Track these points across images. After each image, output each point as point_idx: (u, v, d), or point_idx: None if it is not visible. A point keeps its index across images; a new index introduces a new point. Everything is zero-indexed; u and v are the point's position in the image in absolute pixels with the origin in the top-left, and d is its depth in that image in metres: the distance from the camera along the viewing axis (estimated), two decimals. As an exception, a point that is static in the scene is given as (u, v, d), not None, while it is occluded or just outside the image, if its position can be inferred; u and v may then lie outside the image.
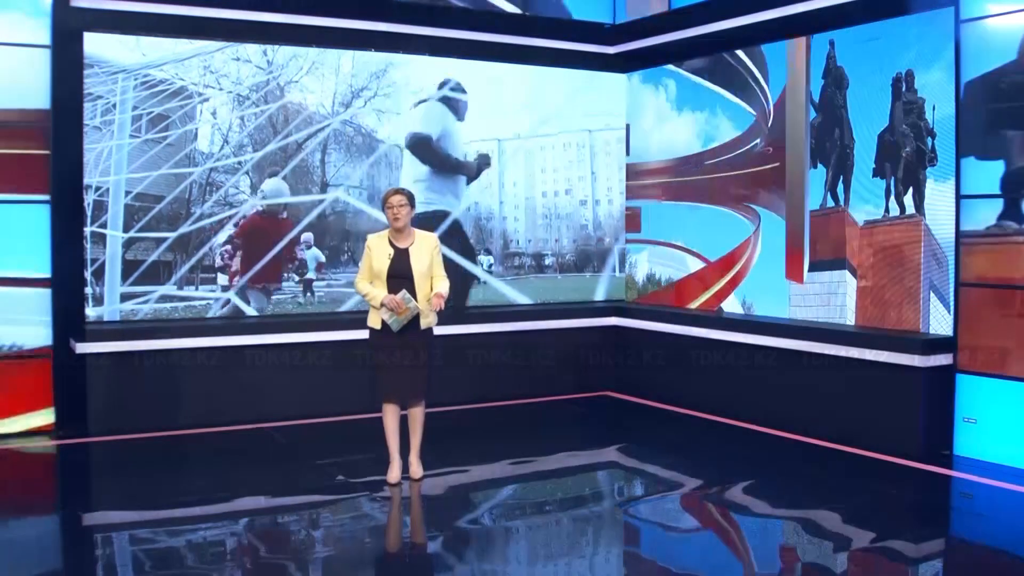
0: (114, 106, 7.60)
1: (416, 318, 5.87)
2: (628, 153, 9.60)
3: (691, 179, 8.97)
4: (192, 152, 7.91)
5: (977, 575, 4.88)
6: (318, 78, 8.35)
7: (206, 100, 7.96)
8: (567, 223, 9.58)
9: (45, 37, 7.35)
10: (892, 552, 5.04)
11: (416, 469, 6.13)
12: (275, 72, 8.18)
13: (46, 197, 7.39)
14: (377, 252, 5.92)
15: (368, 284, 5.93)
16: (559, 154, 9.51)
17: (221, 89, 7.99)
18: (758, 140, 8.32)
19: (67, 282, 7.49)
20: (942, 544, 5.39)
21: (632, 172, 9.60)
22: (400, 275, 5.86)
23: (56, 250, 7.45)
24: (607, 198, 9.69)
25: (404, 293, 5.77)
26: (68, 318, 7.48)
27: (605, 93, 9.58)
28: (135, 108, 7.68)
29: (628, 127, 9.60)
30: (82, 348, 7.26)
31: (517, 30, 9.14)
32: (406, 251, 5.92)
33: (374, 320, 5.96)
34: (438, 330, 6.20)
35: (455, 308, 8.32)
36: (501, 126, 9.16)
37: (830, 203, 7.66)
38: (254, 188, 8.13)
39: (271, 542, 5.33)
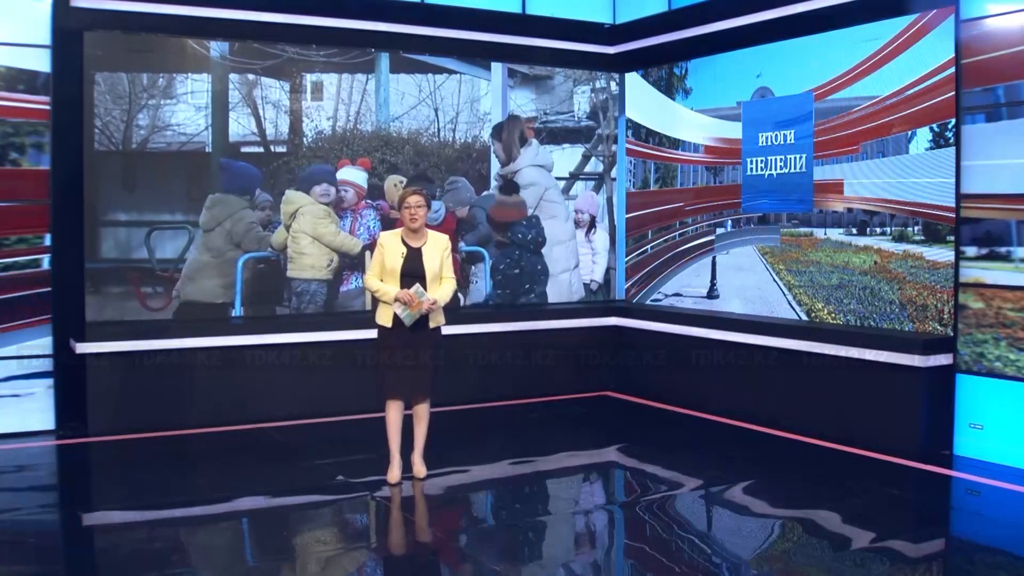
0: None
1: (426, 316, 5.90)
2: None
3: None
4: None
5: (977, 575, 4.89)
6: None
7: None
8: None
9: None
10: (892, 552, 5.04)
11: (420, 468, 6.13)
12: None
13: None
14: (390, 250, 5.94)
15: (379, 281, 5.95)
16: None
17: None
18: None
19: (67, 282, 7.48)
20: (942, 544, 5.39)
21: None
22: (412, 274, 5.89)
23: (56, 250, 7.45)
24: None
25: (417, 287, 5.81)
26: (68, 318, 7.47)
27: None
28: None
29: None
30: (82, 348, 7.26)
31: (517, 30, 9.14)
32: (419, 251, 5.94)
33: (383, 318, 5.96)
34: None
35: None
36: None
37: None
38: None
39: (271, 542, 5.34)
